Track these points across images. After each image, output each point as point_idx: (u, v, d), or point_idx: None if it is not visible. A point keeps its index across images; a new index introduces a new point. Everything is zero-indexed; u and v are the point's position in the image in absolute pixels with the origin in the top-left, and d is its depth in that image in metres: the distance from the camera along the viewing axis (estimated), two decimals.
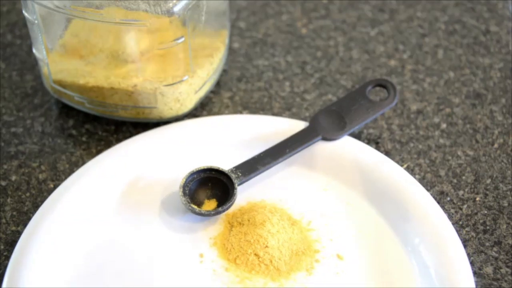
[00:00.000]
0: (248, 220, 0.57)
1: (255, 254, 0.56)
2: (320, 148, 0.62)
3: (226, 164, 0.61)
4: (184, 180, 0.59)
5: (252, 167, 0.60)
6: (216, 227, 0.58)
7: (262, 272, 0.55)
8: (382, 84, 0.66)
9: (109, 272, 0.55)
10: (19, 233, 0.59)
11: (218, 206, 0.59)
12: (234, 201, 0.59)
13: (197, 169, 0.60)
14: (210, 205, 0.59)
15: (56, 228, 0.57)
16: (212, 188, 0.60)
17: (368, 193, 0.60)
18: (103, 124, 0.68)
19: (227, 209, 0.58)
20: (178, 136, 0.63)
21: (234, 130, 0.63)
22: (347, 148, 0.62)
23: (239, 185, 0.59)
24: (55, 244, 0.56)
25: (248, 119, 0.64)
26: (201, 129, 0.63)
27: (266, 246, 0.56)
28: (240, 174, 0.60)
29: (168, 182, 0.61)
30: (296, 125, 0.63)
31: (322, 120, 0.63)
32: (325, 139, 0.62)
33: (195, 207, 0.58)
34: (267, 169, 0.61)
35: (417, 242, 0.56)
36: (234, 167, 0.60)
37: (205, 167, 0.60)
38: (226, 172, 0.60)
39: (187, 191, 0.59)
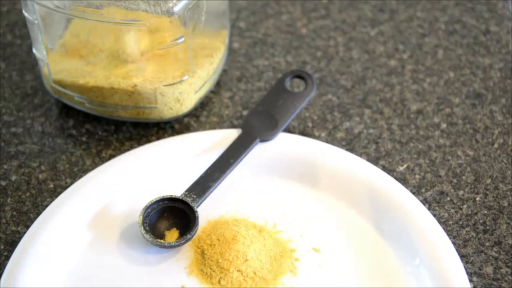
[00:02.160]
0: (218, 239, 0.57)
1: (238, 270, 0.55)
2: (257, 150, 0.62)
3: (173, 189, 0.60)
4: (141, 217, 0.57)
5: (204, 186, 0.59)
6: (185, 255, 0.57)
7: (249, 286, 0.55)
8: (298, 75, 0.66)
9: None
10: (19, 233, 0.60)
11: (181, 233, 0.57)
12: (198, 224, 0.57)
13: (151, 202, 0.57)
14: (172, 235, 0.58)
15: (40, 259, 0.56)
16: (168, 217, 0.58)
17: (316, 182, 0.61)
18: (103, 124, 0.68)
19: (195, 234, 0.57)
20: (121, 170, 0.61)
21: (171, 153, 0.62)
22: (284, 144, 0.63)
23: (197, 207, 0.58)
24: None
25: (181, 139, 0.63)
26: (144, 158, 0.62)
27: (246, 260, 0.55)
28: (195, 196, 0.58)
29: (122, 216, 0.59)
30: (229, 134, 0.63)
31: (254, 123, 0.63)
32: (263, 140, 0.63)
33: (163, 241, 0.56)
34: (219, 183, 0.60)
35: (381, 216, 0.59)
36: (186, 191, 0.59)
37: (158, 198, 0.58)
38: (181, 198, 0.58)
39: (147, 227, 0.57)
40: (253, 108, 0.65)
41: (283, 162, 0.62)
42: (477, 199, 0.62)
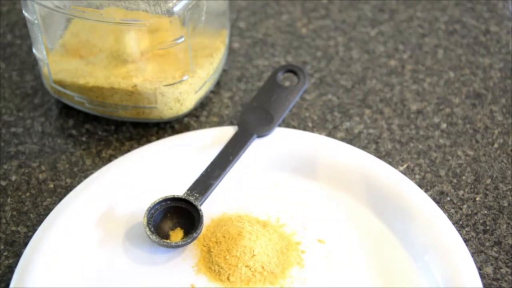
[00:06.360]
0: (224, 236, 0.57)
1: (246, 266, 0.55)
2: (254, 146, 0.63)
3: (174, 188, 0.60)
4: (146, 218, 0.57)
5: (206, 184, 0.59)
6: (191, 254, 0.57)
7: (258, 280, 0.55)
8: (290, 70, 0.67)
9: None
10: (19, 233, 0.60)
11: (185, 232, 0.58)
12: (203, 222, 0.57)
13: (154, 203, 0.57)
14: (177, 234, 0.58)
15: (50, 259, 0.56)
16: (172, 217, 0.58)
17: (315, 174, 0.62)
18: (103, 124, 0.68)
19: (200, 232, 0.57)
20: (124, 171, 0.61)
21: (170, 153, 0.62)
22: (281, 139, 0.63)
23: (200, 205, 0.58)
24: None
25: (180, 138, 0.63)
26: (144, 158, 0.62)
27: (254, 255, 0.55)
28: (197, 195, 0.58)
29: (126, 217, 0.59)
30: (226, 131, 0.63)
31: (249, 119, 0.64)
32: (259, 136, 0.63)
33: (169, 241, 0.56)
34: (220, 181, 0.60)
35: (381, 204, 0.59)
36: (188, 190, 0.59)
37: (161, 199, 0.58)
38: (184, 197, 0.58)
39: (152, 228, 0.57)
40: (247, 105, 0.65)
41: (281, 157, 0.63)
42: (477, 199, 0.62)
